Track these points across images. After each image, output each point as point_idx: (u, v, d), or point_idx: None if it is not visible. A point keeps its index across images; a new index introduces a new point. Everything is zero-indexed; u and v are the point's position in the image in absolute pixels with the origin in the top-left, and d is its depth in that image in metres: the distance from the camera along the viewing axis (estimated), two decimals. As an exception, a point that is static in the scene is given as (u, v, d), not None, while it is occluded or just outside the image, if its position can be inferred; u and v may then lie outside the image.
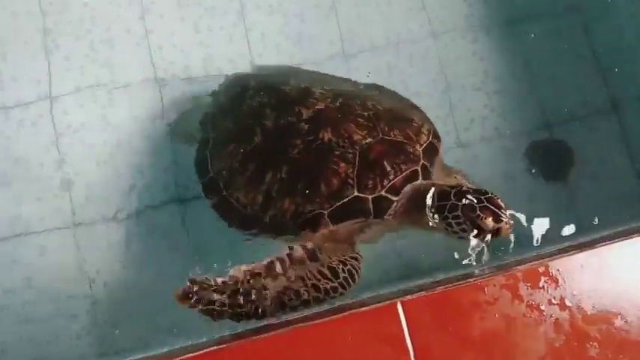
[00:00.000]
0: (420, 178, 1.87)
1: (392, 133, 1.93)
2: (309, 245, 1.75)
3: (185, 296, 1.58)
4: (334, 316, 1.10)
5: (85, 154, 2.53)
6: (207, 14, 2.77)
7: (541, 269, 1.23)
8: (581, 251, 1.28)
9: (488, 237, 1.65)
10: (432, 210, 1.79)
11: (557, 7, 2.93)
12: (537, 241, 2.07)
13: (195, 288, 1.58)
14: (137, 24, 2.71)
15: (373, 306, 1.11)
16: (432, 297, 1.14)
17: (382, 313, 1.10)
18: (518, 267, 1.27)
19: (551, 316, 1.20)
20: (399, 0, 2.89)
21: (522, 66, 2.85)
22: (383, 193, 1.83)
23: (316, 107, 1.99)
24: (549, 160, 2.69)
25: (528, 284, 1.20)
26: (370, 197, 1.82)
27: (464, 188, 1.78)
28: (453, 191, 1.77)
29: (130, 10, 2.72)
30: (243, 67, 2.70)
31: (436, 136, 2.03)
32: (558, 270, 1.23)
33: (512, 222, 1.68)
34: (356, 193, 1.82)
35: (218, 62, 2.72)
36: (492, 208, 1.66)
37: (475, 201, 1.69)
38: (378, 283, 1.99)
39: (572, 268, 1.25)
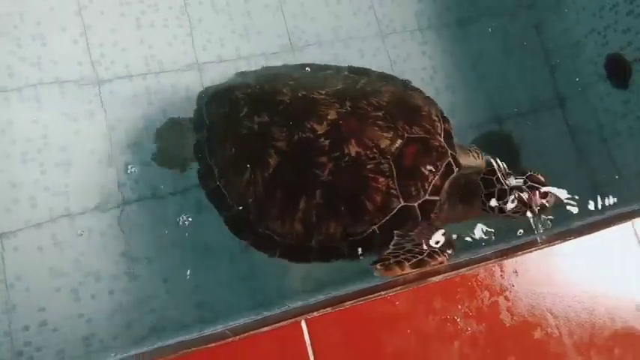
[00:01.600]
0: (455, 169, 1.88)
1: (414, 130, 1.90)
2: None
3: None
4: (233, 338, 1.03)
5: (10, 153, 2.38)
6: (150, 10, 2.67)
7: (457, 279, 1.18)
8: (501, 259, 1.23)
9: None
10: (482, 199, 1.83)
11: (509, 5, 2.93)
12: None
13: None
14: (74, 20, 2.58)
15: (275, 325, 1.04)
16: (340, 313, 1.08)
17: (285, 333, 1.03)
18: (433, 278, 1.21)
19: (467, 329, 1.16)
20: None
21: (472, 63, 2.84)
22: (427, 197, 1.83)
23: (328, 118, 1.89)
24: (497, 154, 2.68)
25: (443, 296, 1.15)
26: (416, 204, 1.82)
27: (503, 171, 1.85)
28: (495, 177, 1.83)
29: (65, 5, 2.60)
30: (187, 62, 2.62)
31: (446, 119, 2.02)
32: (476, 280, 1.19)
33: (555, 192, 1.80)
34: (402, 203, 1.81)
35: (160, 58, 2.62)
36: (536, 185, 1.79)
37: (520, 182, 1.80)
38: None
39: (491, 277, 1.21)
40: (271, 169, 1.89)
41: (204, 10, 2.72)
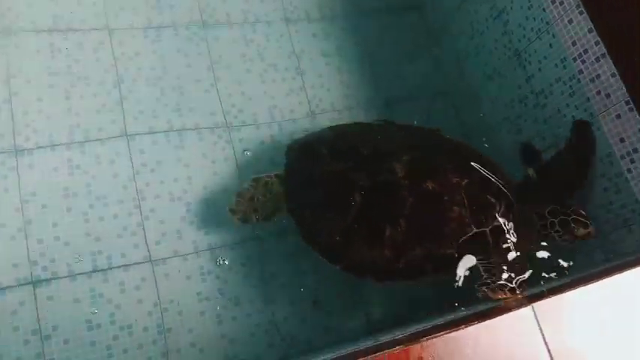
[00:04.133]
0: (515, 203, 2.20)
1: (480, 170, 2.23)
2: None
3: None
4: None
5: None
6: (80, 83, 2.65)
7: None
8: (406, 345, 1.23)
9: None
10: (538, 230, 2.17)
11: (430, 91, 3.14)
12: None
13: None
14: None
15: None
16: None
17: None
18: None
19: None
20: (281, 79, 2.96)
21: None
22: (495, 223, 2.13)
23: (404, 162, 2.23)
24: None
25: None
26: (487, 229, 2.12)
27: (552, 207, 2.17)
28: (547, 211, 2.17)
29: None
30: (115, 134, 2.61)
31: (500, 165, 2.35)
32: None
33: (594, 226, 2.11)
34: (475, 230, 2.11)
35: (87, 130, 2.59)
36: (580, 218, 2.12)
37: (567, 216, 2.12)
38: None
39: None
40: (356, 207, 2.19)
41: (137, 85, 2.74)
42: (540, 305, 1.36)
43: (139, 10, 2.86)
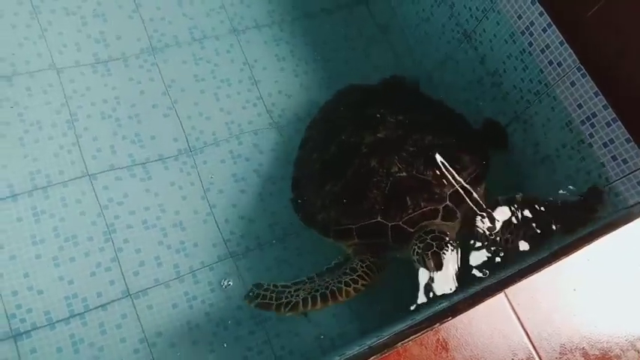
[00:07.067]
0: (440, 217, 2.08)
1: (425, 172, 2.17)
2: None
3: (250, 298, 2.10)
4: None
5: None
6: (33, 128, 2.58)
7: None
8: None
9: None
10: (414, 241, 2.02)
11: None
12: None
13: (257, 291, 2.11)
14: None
15: None
16: None
17: None
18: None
19: None
20: (237, 92, 2.92)
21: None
22: (400, 223, 2.07)
23: (377, 135, 2.31)
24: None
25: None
26: (389, 224, 2.08)
27: (442, 235, 1.99)
28: (433, 235, 1.99)
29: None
30: (77, 175, 2.55)
31: (477, 180, 2.21)
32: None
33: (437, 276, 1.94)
34: (379, 219, 2.09)
35: (48, 174, 2.53)
36: (443, 258, 1.91)
37: (434, 246, 1.94)
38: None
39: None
40: (328, 155, 2.38)
41: (92, 121, 2.68)
42: (512, 289, 1.35)
43: (81, 46, 2.79)
